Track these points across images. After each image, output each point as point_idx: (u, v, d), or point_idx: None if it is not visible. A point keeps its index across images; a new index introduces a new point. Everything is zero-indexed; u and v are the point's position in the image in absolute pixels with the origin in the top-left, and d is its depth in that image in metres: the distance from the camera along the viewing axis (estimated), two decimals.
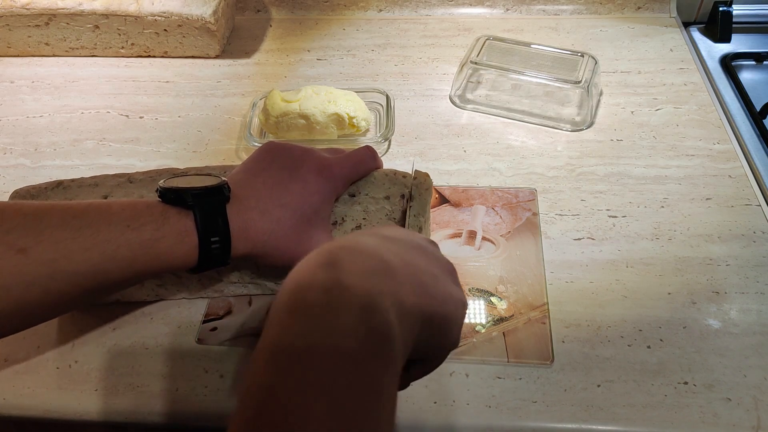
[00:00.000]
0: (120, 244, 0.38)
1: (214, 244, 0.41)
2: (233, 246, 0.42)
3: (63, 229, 0.37)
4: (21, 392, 0.47)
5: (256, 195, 0.44)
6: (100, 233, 0.38)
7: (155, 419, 0.46)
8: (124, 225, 0.39)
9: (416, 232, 0.39)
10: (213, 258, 0.42)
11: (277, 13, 0.90)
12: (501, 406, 0.45)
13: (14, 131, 0.72)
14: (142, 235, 0.39)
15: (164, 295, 0.53)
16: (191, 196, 0.41)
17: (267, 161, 0.47)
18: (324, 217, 0.47)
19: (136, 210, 0.40)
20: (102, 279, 0.39)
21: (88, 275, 0.38)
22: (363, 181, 0.50)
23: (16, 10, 0.77)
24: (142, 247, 0.39)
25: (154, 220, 0.40)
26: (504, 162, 0.65)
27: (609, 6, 0.87)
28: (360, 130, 0.66)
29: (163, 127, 0.72)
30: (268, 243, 0.44)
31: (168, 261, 0.40)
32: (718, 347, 0.48)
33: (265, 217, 0.43)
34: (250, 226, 0.43)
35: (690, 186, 0.61)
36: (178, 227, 0.40)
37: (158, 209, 0.41)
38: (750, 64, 0.80)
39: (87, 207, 0.39)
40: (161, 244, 0.40)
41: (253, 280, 0.52)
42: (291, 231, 0.44)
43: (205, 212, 0.41)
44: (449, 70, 0.78)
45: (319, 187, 0.46)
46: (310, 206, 0.45)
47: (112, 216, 0.39)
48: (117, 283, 0.41)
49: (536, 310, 0.51)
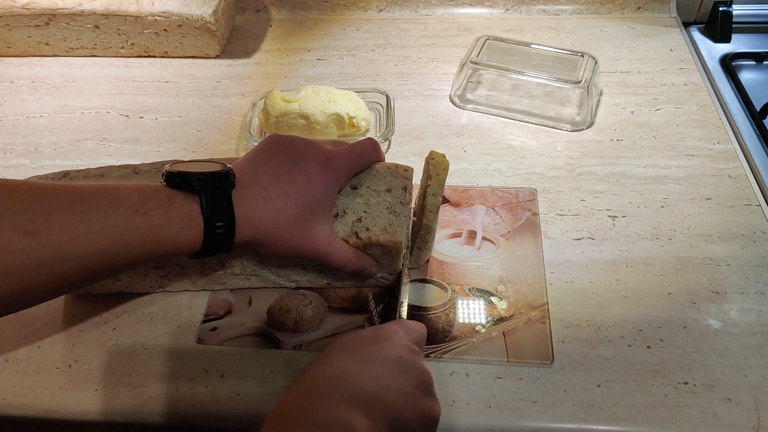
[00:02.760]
0: (128, 229, 0.39)
1: (218, 230, 0.41)
2: (237, 232, 0.42)
3: (72, 212, 0.37)
4: (21, 392, 0.47)
5: (261, 183, 0.44)
6: (109, 218, 0.38)
7: (155, 419, 0.46)
8: (132, 210, 0.39)
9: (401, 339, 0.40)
10: (216, 243, 0.42)
11: (277, 13, 0.90)
12: (501, 406, 0.45)
13: (14, 131, 0.72)
14: (149, 220, 0.39)
15: (167, 286, 0.53)
16: (198, 180, 0.41)
17: (272, 152, 0.47)
18: (326, 209, 0.47)
19: (144, 195, 0.40)
20: (108, 262, 0.39)
21: (94, 258, 0.38)
22: (365, 173, 0.51)
23: (16, 10, 0.77)
24: (149, 232, 0.39)
25: (162, 205, 0.40)
26: (504, 162, 0.65)
27: (609, 6, 0.87)
28: (360, 130, 0.66)
29: (163, 127, 0.72)
30: (271, 231, 0.44)
31: (173, 245, 0.41)
32: (718, 347, 0.48)
33: (268, 205, 0.44)
34: (254, 213, 0.43)
35: (690, 186, 0.61)
36: (184, 212, 0.41)
37: (165, 194, 0.41)
38: (750, 64, 0.80)
39: (96, 190, 0.39)
40: (168, 228, 0.40)
41: (255, 272, 0.52)
42: (293, 220, 0.45)
43: (211, 197, 0.41)
44: (449, 70, 0.78)
45: (323, 178, 0.46)
46: (312, 197, 0.45)
47: (121, 200, 0.39)
48: (122, 266, 0.41)
49: (536, 310, 0.51)
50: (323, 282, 0.53)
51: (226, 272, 0.52)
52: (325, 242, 0.46)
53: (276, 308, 0.52)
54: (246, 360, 0.49)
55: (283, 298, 0.53)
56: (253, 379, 0.47)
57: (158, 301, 0.53)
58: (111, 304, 0.53)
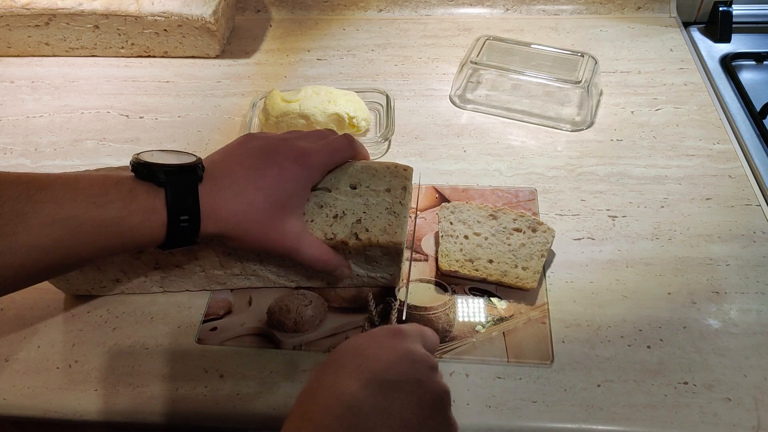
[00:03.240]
0: (83, 221, 0.38)
1: (182, 223, 0.41)
2: (203, 225, 0.42)
3: (25, 202, 0.37)
4: (21, 392, 0.47)
5: (231, 176, 0.44)
6: (64, 209, 0.38)
7: (155, 419, 0.46)
8: (90, 202, 0.39)
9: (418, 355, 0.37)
10: (180, 237, 0.42)
11: (277, 13, 0.90)
12: (501, 406, 0.45)
13: (14, 131, 0.72)
14: (107, 212, 0.39)
15: (168, 287, 0.53)
16: (164, 173, 0.41)
17: (245, 147, 0.47)
18: (298, 205, 0.47)
19: (105, 186, 0.40)
20: (65, 254, 0.39)
21: (50, 250, 0.38)
22: (364, 173, 0.51)
23: (16, 10, 0.77)
24: (106, 225, 0.39)
25: (122, 198, 0.40)
26: (504, 162, 0.65)
27: (609, 6, 0.87)
28: (360, 130, 0.66)
29: (163, 127, 0.72)
30: (240, 225, 0.44)
31: (134, 238, 0.40)
32: (718, 347, 0.48)
33: (238, 198, 0.44)
34: (221, 206, 0.43)
35: (690, 186, 0.61)
36: (146, 205, 0.40)
37: (127, 186, 0.40)
38: (750, 64, 0.80)
39: (53, 181, 0.39)
40: (127, 222, 0.40)
41: (255, 272, 0.52)
42: (264, 215, 0.44)
43: (176, 191, 0.41)
44: (449, 70, 0.78)
45: (295, 174, 0.46)
46: (284, 192, 0.45)
47: (79, 192, 0.39)
48: (82, 258, 0.40)
49: (536, 310, 0.51)
50: (323, 282, 0.53)
51: (226, 272, 0.52)
52: (294, 238, 0.46)
53: (276, 308, 0.52)
54: (246, 360, 0.49)
55: (283, 298, 0.53)
56: (253, 379, 0.47)
57: (158, 301, 0.53)
58: (111, 305, 0.53)
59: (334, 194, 0.49)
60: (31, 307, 0.53)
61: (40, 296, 0.53)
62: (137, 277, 0.52)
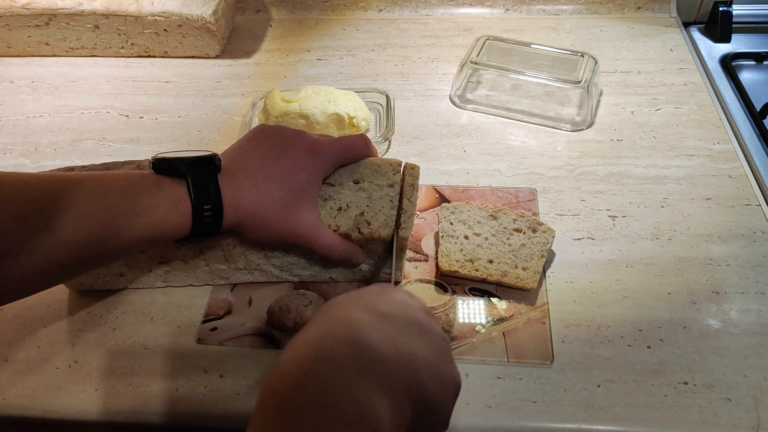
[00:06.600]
0: (117, 213, 0.39)
1: (206, 212, 0.42)
2: (224, 215, 0.43)
3: (61, 198, 0.38)
4: (21, 392, 0.47)
5: (246, 168, 0.45)
6: (97, 202, 0.39)
7: (155, 419, 0.46)
8: (121, 194, 0.40)
9: (414, 301, 0.37)
10: (204, 227, 0.43)
11: (277, 13, 0.90)
12: (501, 406, 0.45)
13: (14, 131, 0.72)
14: (137, 203, 0.40)
15: (171, 282, 0.53)
16: (184, 164, 0.42)
17: (259, 139, 0.48)
18: (311, 195, 0.47)
19: (131, 180, 0.41)
20: (98, 246, 0.39)
21: (85, 243, 0.39)
22: (367, 169, 0.51)
23: (16, 10, 0.77)
24: (138, 215, 0.40)
25: (149, 189, 0.41)
26: (504, 162, 0.65)
27: (609, 6, 0.87)
28: (360, 130, 0.66)
29: (163, 127, 0.72)
30: (257, 215, 0.44)
31: (163, 229, 0.41)
32: (718, 347, 0.48)
33: (254, 188, 0.44)
34: (240, 196, 0.44)
35: (690, 186, 0.61)
36: (171, 195, 0.41)
37: (152, 179, 0.41)
38: (750, 64, 0.80)
39: (84, 177, 0.40)
40: (156, 211, 0.40)
41: (258, 266, 0.52)
42: (278, 204, 0.45)
43: (197, 180, 0.42)
44: (449, 70, 0.78)
45: (307, 164, 0.47)
46: (297, 182, 0.46)
47: (109, 185, 0.40)
48: (115, 251, 0.41)
49: (536, 310, 0.51)
50: (326, 276, 0.53)
51: (230, 267, 0.52)
52: (310, 227, 0.47)
53: (276, 308, 0.52)
54: (246, 360, 0.49)
55: (283, 299, 0.53)
56: (253, 379, 0.47)
57: (158, 301, 0.53)
58: (111, 304, 0.53)
59: (337, 188, 0.50)
60: (31, 307, 0.53)
61: (40, 296, 0.53)
62: (141, 271, 0.52)
